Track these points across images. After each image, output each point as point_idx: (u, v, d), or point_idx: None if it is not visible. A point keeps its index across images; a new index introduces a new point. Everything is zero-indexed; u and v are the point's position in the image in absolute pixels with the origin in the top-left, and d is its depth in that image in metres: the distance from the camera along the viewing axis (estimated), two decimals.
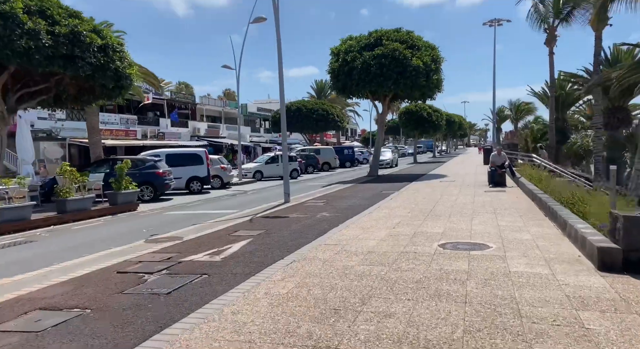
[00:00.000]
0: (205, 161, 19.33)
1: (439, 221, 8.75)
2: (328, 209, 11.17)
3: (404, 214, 9.81)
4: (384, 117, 25.50)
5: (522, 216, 9.01)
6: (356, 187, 17.76)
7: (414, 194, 13.92)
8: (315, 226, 8.67)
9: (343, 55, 21.95)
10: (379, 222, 8.84)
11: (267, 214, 10.60)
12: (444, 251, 6.24)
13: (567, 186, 12.16)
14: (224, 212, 12.31)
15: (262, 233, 8.03)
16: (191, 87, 71.96)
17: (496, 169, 15.58)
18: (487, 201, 11.78)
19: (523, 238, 6.89)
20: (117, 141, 31.45)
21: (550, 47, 27.62)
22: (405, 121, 43.63)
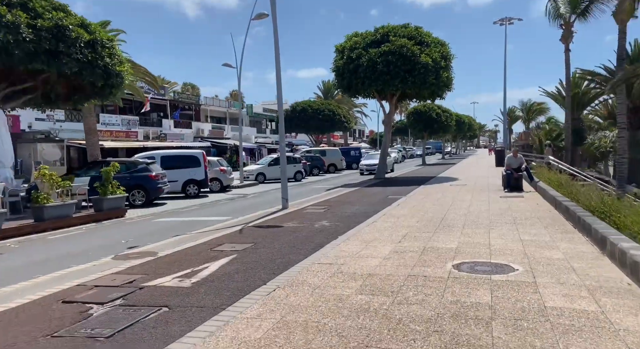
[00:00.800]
0: (202, 163, 18.42)
1: (451, 233, 7.68)
2: (328, 217, 10.15)
3: (412, 224, 8.75)
4: (391, 118, 24.42)
5: (547, 228, 7.91)
6: (361, 191, 16.72)
7: (423, 200, 12.84)
8: (312, 239, 7.66)
9: (348, 53, 20.93)
10: (383, 234, 7.80)
11: (261, 223, 9.60)
12: (459, 274, 5.19)
13: (593, 191, 11.01)
14: (216, 220, 11.35)
15: (249, 248, 7.03)
16: (197, 88, 71.35)
17: (512, 173, 14.44)
18: (504, 208, 10.68)
19: (553, 257, 5.81)
20: (118, 143, 30.70)
21: (566, 43, 26.37)
22: (414, 121, 42.48)
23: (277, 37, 12.20)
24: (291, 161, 27.28)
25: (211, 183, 20.31)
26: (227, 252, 6.75)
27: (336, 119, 43.55)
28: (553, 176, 16.06)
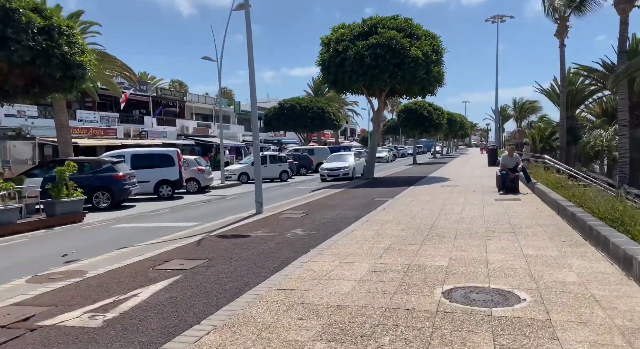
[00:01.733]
0: (176, 162, 17.17)
1: (441, 246, 6.57)
2: (305, 224, 9.00)
3: (397, 234, 7.63)
4: (380, 115, 23.32)
5: (552, 239, 6.83)
6: (347, 192, 15.59)
7: (411, 203, 11.74)
8: (278, 253, 6.50)
9: (334, 45, 19.76)
10: (363, 247, 6.67)
11: (226, 232, 8.42)
12: (451, 306, 4.06)
13: (599, 195, 9.98)
14: (182, 226, 10.15)
15: (200, 265, 5.86)
16: (185, 86, 69.87)
17: (507, 173, 13.39)
18: (500, 213, 9.60)
19: (567, 281, 4.71)
20: (94, 141, 29.28)
21: (561, 38, 25.46)
22: (404, 119, 41.44)
23: (250, 31, 10.94)
24: (277, 160, 26.10)
25: (188, 184, 19.07)
26: (171, 272, 5.57)
27: (325, 117, 42.34)
28: (550, 176, 15.06)
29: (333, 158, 24.87)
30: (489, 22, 43.40)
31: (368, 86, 20.48)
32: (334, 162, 23.62)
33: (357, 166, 23.61)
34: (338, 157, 24.68)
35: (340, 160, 23.94)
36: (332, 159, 24.56)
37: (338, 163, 23.29)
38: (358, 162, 24.28)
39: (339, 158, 24.47)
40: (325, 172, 22.99)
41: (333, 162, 23.64)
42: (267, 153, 27.89)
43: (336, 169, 22.76)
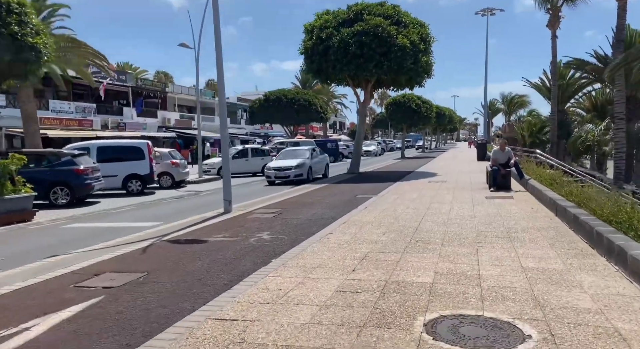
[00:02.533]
0: (147, 155, 15.99)
1: (426, 255, 5.61)
2: (274, 226, 7.99)
3: (376, 238, 6.66)
4: (366, 107, 22.34)
5: (554, 246, 5.91)
6: (329, 188, 14.60)
7: (396, 201, 10.79)
8: (234, 264, 5.49)
9: (317, 32, 18.66)
10: (335, 256, 5.68)
11: (181, 236, 7.37)
12: (434, 345, 3.10)
13: (601, 193, 9.13)
14: (140, 226, 9.07)
15: (133, 281, 4.82)
16: (171, 77, 68.13)
17: (499, 169, 12.51)
18: (492, 213, 8.69)
19: (580, 306, 3.77)
20: (67, 132, 27.83)
21: (553, 30, 24.67)
22: (392, 112, 40.44)
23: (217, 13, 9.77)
24: (259, 154, 24.99)
25: (161, 178, 17.93)
26: (93, 291, 4.52)
27: (312, 110, 41.23)
28: (543, 172, 14.25)
29: (285, 155, 19.69)
30: (479, 15, 42.79)
31: (353, 76, 19.46)
32: (284, 160, 18.62)
33: (315, 165, 18.90)
34: (291, 154, 19.51)
35: (292, 157, 18.86)
36: (283, 156, 19.60)
37: (289, 161, 18.31)
38: (317, 160, 19.43)
39: (292, 155, 19.31)
40: (272, 172, 17.91)
41: (283, 160, 18.63)
42: (249, 146, 26.79)
43: (286, 168, 17.79)
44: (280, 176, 17.74)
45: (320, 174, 19.54)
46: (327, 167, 20.50)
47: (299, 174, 17.72)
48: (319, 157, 20.06)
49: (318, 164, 19.48)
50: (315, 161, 19.24)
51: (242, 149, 25.08)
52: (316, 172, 19.07)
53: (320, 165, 19.79)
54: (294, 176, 17.69)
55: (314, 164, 18.88)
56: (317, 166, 19.34)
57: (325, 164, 20.37)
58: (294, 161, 18.22)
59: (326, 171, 20.26)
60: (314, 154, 19.54)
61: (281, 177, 17.71)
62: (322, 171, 19.93)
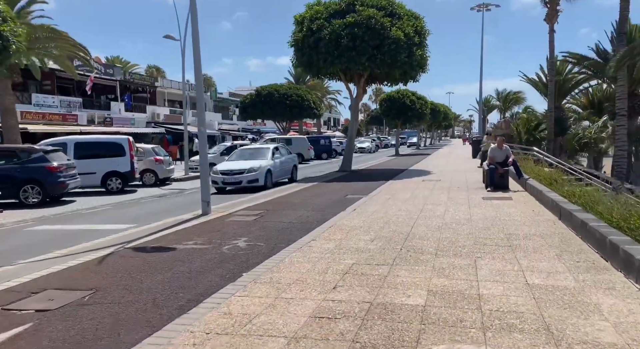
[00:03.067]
0: (127, 151, 15.21)
1: (418, 268, 4.95)
2: (254, 231, 7.30)
3: (364, 246, 5.99)
4: (359, 102, 21.61)
5: (561, 257, 5.27)
6: (318, 187, 13.92)
7: (387, 202, 10.12)
8: (198, 279, 4.79)
9: (308, 24, 17.90)
10: (315, 269, 5.01)
11: (148, 242, 6.66)
12: None
13: (604, 194, 8.51)
14: (111, 229, 8.35)
15: (75, 302, 4.11)
16: (163, 72, 66.99)
17: (496, 167, 11.87)
18: (490, 216, 8.05)
19: (604, 341, 3.11)
20: (50, 127, 26.89)
21: (550, 23, 24.04)
22: (387, 108, 39.79)
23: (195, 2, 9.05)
24: None
25: (144, 176, 17.17)
26: (23, 316, 3.81)
27: (305, 106, 40.40)
28: (542, 170, 13.66)
29: (240, 155, 16.28)
30: (474, 10, 42.12)
31: (345, 70, 18.72)
32: (237, 162, 15.20)
33: (277, 167, 15.49)
34: (247, 154, 16.13)
35: (248, 158, 15.48)
36: (237, 156, 16.21)
37: (242, 163, 14.90)
38: (280, 161, 16.07)
39: (247, 155, 15.96)
40: (219, 177, 14.39)
41: (235, 162, 15.22)
42: (238, 143, 26.04)
43: (237, 172, 14.28)
44: (229, 182, 14.29)
45: (285, 178, 16.40)
46: (294, 170, 17.20)
47: (253, 180, 14.20)
48: (284, 158, 16.66)
49: (282, 166, 16.08)
50: (278, 163, 15.77)
51: (230, 146, 24.37)
52: (279, 175, 15.80)
53: (284, 167, 16.39)
54: (246, 181, 14.19)
55: (275, 167, 15.38)
56: (280, 169, 15.92)
57: (292, 166, 17.10)
58: (248, 162, 14.62)
59: (294, 174, 17.00)
60: (277, 155, 16.12)
61: (231, 183, 14.26)
62: (287, 174, 16.65)
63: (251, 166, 14.46)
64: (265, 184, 14.38)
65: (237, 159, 15.74)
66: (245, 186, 14.17)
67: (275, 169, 15.28)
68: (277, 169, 15.49)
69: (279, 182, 15.51)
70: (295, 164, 17.54)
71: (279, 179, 15.81)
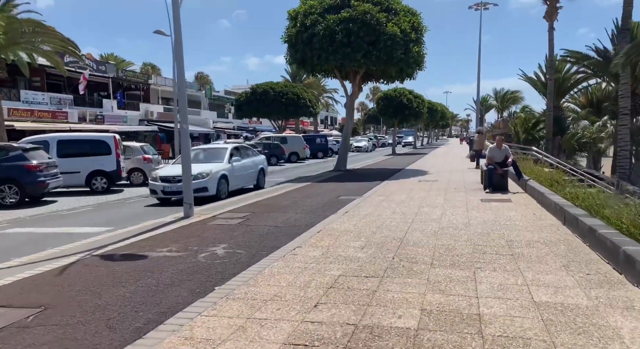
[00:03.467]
0: (113, 149, 14.65)
1: (411, 281, 4.45)
2: (236, 236, 6.79)
3: (353, 255, 5.49)
4: (354, 100, 21.08)
5: (569, 268, 4.78)
6: (311, 187, 13.41)
7: (382, 204, 9.63)
8: (164, 294, 4.28)
9: (302, 19, 17.37)
10: (297, 282, 4.50)
11: (119, 249, 6.13)
12: None
13: (609, 197, 8.04)
14: (86, 232, 7.83)
15: (13, 326, 3.59)
16: (158, 69, 66.33)
17: (495, 168, 11.39)
18: (489, 220, 7.56)
19: None
20: (38, 124, 26.27)
21: (550, 21, 23.61)
22: (383, 107, 39.25)
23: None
24: None
25: (131, 175, 16.61)
26: None
27: (301, 104, 39.84)
28: (541, 171, 13.20)
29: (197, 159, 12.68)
30: (473, 9, 41.68)
31: (340, 67, 18.19)
32: (179, 168, 10.46)
33: (236, 173, 12.64)
34: (199, 156, 12.97)
35: (199, 160, 12.45)
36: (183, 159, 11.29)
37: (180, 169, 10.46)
38: (241, 164, 13.15)
39: (200, 157, 12.89)
40: (158, 185, 11.51)
41: (176, 169, 11.66)
42: (231, 141, 25.49)
43: (181, 179, 9.80)
44: (171, 191, 11.31)
45: (250, 185, 13.81)
46: (261, 175, 14.51)
47: (201, 188, 11.21)
48: (247, 161, 13.75)
49: (243, 171, 13.20)
50: (238, 167, 12.84)
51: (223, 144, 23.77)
52: (239, 182, 12.95)
53: (247, 172, 13.53)
54: (193, 188, 10.05)
55: (233, 172, 12.54)
56: (241, 174, 13.07)
57: (258, 171, 14.29)
58: (196, 167, 11.29)
59: (260, 180, 14.35)
60: (236, 157, 13.10)
61: (173, 192, 11.28)
62: (252, 180, 13.91)
63: (199, 171, 11.38)
64: (218, 194, 11.64)
65: (177, 166, 11.87)
66: (201, 192, 11.22)
67: (233, 174, 12.49)
68: (236, 174, 12.68)
69: (244, 190, 13.13)
70: (263, 167, 14.77)
71: (241, 186, 13.16)
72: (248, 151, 14.77)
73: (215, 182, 11.69)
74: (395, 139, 44.45)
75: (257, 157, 14.83)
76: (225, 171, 12.22)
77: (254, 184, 14.11)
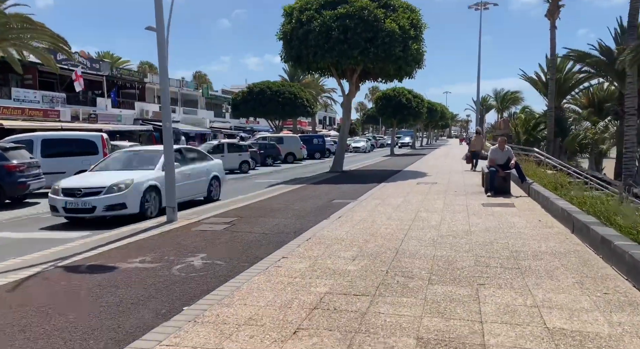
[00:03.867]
0: (101, 149, 14.10)
1: (406, 302, 3.93)
2: (217, 244, 6.27)
3: (343, 268, 4.97)
4: (351, 99, 20.55)
5: (583, 285, 4.27)
6: (305, 190, 12.89)
7: (377, 208, 9.11)
8: (124, 316, 3.75)
9: (297, 15, 16.85)
10: (277, 301, 3.98)
11: (88, 259, 5.60)
12: None
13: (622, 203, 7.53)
14: (62, 238, 7.31)
15: None
16: (156, 68, 65.70)
17: (497, 170, 10.88)
18: (492, 227, 7.05)
19: None
20: (30, 123, 25.72)
21: (552, 19, 23.12)
22: (382, 107, 38.75)
23: None
24: (236, 149, 23.19)
25: None
26: None
27: (298, 103, 39.32)
28: (544, 173, 12.71)
29: (112, 161, 10.45)
30: (473, 9, 41.22)
31: (336, 65, 17.67)
32: (95, 175, 9.56)
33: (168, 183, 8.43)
34: (123, 161, 10.34)
35: (121, 166, 9.98)
36: (106, 164, 10.29)
37: (102, 176, 9.34)
38: (180, 173, 9.61)
39: (124, 162, 10.27)
40: (59, 200, 8.69)
41: (92, 175, 9.69)
42: (225, 141, 25.00)
43: (90, 191, 8.62)
44: (74, 208, 8.58)
45: (199, 196, 10.95)
46: (214, 185, 11.58)
47: (117, 204, 8.60)
48: (192, 168, 10.67)
49: (186, 180, 10.13)
50: (177, 176, 8.87)
51: (217, 144, 23.31)
52: (182, 194, 9.48)
53: (194, 182, 10.59)
54: (103, 207, 8.55)
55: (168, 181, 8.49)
56: (184, 184, 9.84)
57: (210, 179, 11.31)
58: (114, 175, 9.14)
59: (213, 191, 11.50)
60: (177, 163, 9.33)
61: (77, 210, 8.61)
62: (199, 191, 10.92)
63: (116, 181, 8.74)
64: (143, 211, 8.85)
65: (104, 170, 9.82)
66: (103, 214, 8.63)
67: (155, 190, 9.25)
68: (156, 191, 9.26)
69: (193, 202, 10.43)
70: (218, 175, 11.83)
71: (186, 198, 10.03)
72: (196, 155, 11.79)
73: (138, 197, 8.75)
74: (394, 139, 43.95)
75: (209, 163, 11.79)
76: (155, 182, 9.20)
77: (203, 196, 11.12)
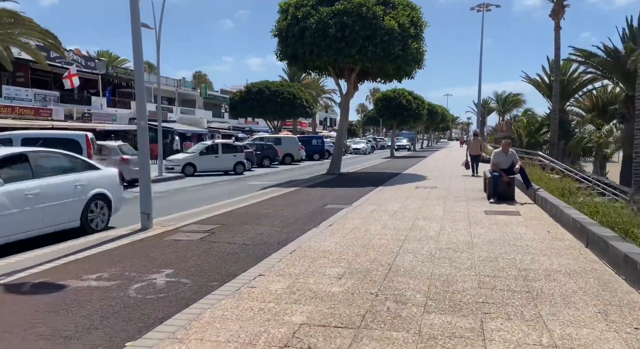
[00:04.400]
0: (85, 149, 13.47)
1: (396, 338, 3.26)
2: (189, 258, 5.60)
3: (326, 289, 4.30)
4: (349, 99, 19.87)
5: (607, 316, 3.59)
6: (297, 193, 12.23)
7: (372, 215, 8.44)
8: None
9: (293, 11, 16.20)
10: (239, 336, 3.31)
11: (36, 274, 4.92)
12: None
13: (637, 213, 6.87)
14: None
15: None
16: (154, 67, 65.20)
17: (501, 175, 10.21)
18: (497, 239, 6.38)
19: None
20: (20, 121, 25.09)
21: (557, 19, 22.47)
22: (382, 108, 38.11)
23: None
24: (231, 150, 22.56)
25: None
26: None
27: (297, 104, 38.66)
28: (550, 179, 12.07)
29: None
30: (475, 11, 40.66)
31: (334, 63, 17.01)
32: None
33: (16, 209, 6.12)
34: None
35: None
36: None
37: None
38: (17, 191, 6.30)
39: None
40: None
41: None
42: (219, 141, 24.37)
43: None
44: None
45: (65, 225, 7.27)
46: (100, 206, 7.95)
47: None
48: (49, 183, 6.94)
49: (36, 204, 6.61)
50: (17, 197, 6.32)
51: (211, 145, 22.68)
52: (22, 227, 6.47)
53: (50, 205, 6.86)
54: None
55: None
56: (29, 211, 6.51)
57: (86, 199, 7.53)
58: None
59: (95, 219, 7.82)
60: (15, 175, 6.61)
61: None
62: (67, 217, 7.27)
63: None
64: None
65: None
66: None
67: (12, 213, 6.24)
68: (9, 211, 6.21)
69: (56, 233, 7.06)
70: (105, 193, 8.08)
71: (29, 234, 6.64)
72: (58, 162, 7.60)
73: None
74: (394, 141, 43.31)
75: (88, 175, 7.85)
76: None
77: (76, 224, 7.42)
